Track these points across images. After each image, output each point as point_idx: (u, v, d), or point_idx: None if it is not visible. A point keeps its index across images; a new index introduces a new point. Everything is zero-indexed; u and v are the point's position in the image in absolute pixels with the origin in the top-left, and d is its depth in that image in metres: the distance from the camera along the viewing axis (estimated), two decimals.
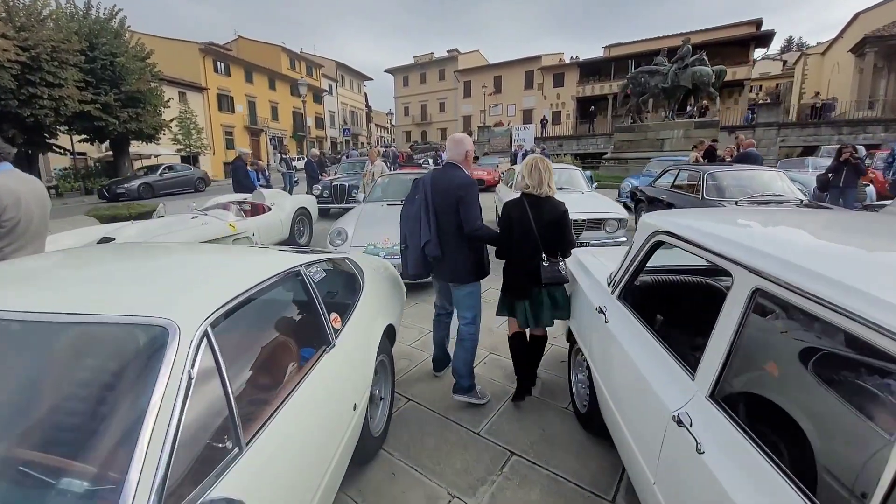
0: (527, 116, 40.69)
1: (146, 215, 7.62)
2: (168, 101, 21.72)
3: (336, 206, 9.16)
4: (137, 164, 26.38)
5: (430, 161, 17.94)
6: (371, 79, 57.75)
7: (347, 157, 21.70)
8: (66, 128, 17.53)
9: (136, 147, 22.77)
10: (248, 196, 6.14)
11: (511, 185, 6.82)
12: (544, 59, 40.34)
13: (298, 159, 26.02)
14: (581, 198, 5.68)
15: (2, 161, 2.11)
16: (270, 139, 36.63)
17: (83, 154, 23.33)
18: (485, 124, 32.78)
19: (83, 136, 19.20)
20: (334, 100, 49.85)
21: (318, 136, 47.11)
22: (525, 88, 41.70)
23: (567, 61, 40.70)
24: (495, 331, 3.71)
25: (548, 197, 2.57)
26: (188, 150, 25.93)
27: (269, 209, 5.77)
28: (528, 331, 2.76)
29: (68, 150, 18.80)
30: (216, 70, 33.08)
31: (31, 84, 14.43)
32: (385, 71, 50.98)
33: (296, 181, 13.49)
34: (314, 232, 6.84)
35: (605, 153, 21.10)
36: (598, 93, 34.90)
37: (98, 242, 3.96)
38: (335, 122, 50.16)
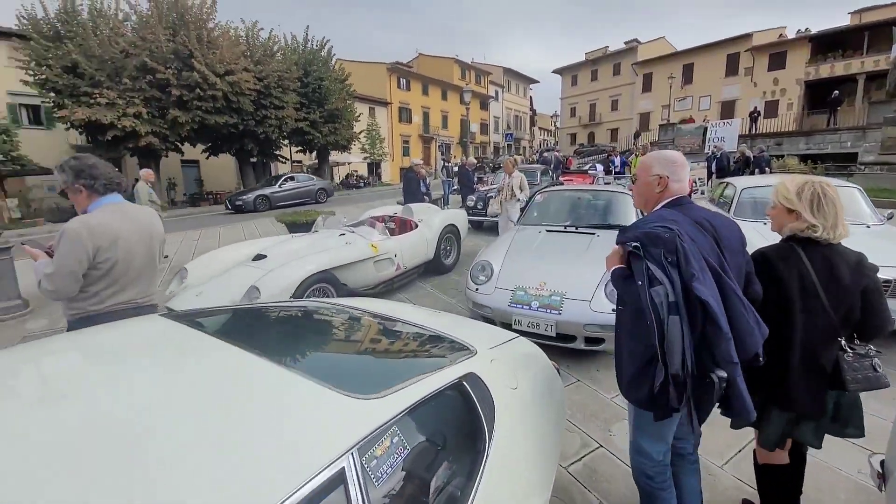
0: (726, 109, 33.56)
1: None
2: (359, 115, 24.99)
3: (490, 219, 8.54)
4: (335, 170, 31.58)
5: (599, 168, 15.58)
6: (537, 81, 56.63)
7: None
8: (287, 141, 21.71)
9: (334, 156, 26.98)
10: (397, 211, 5.92)
11: (730, 209, 4.75)
12: (756, 37, 32.42)
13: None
14: (871, 237, 3.53)
15: (110, 191, 1.86)
16: (439, 146, 39.23)
17: (299, 162, 28.82)
18: (668, 121, 28.10)
19: (298, 148, 23.61)
20: (499, 105, 50.50)
21: (482, 142, 48.44)
22: (726, 76, 34.41)
23: (791, 36, 31.95)
24: None
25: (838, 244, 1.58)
26: (372, 157, 29.45)
27: (416, 226, 5.36)
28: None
29: (287, 159, 23.25)
30: (399, 86, 36.88)
31: (264, 107, 18.14)
32: (552, 72, 49.04)
33: (454, 189, 13.49)
34: (462, 251, 6.28)
35: (857, 154, 15.26)
36: (840, 73, 26.20)
37: (253, 260, 4.04)
38: (499, 127, 50.80)
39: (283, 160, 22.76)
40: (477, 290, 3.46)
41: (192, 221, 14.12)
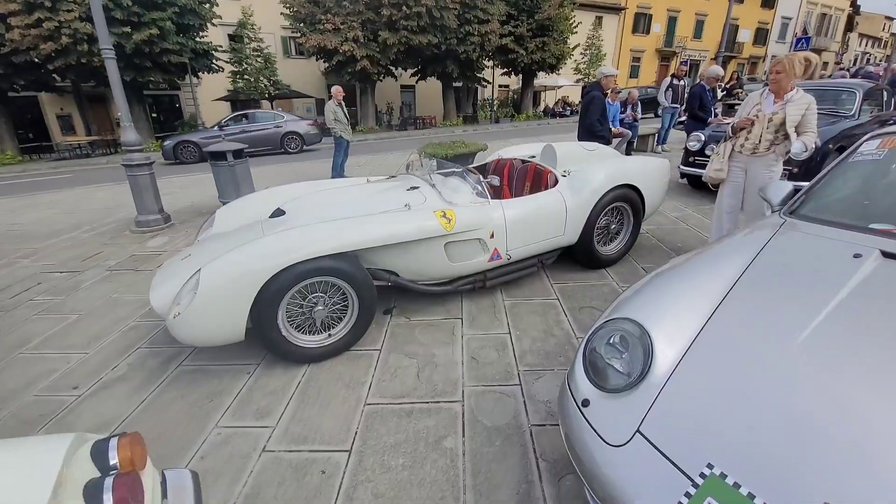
0: None
1: (465, 158, 6.59)
2: (576, 25, 20.83)
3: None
4: (542, 96, 28.52)
5: None
6: None
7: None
8: (490, 62, 20.03)
9: (541, 78, 23.95)
10: (534, 154, 3.64)
11: None
12: None
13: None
14: None
15: None
16: (682, 63, 30.46)
17: (506, 87, 27.02)
18: None
19: (503, 70, 21.69)
20: (795, 1, 35.02)
21: (754, 56, 35.50)
22: None
23: None
24: None
25: None
26: (588, 79, 25.01)
27: (555, 182, 3.10)
28: None
29: (489, 82, 21.75)
30: None
31: (468, 22, 16.63)
32: None
33: (679, 122, 9.39)
34: (643, 234, 3.62)
35: None
36: None
37: (270, 217, 2.76)
38: (787, 34, 35.85)
39: (486, 83, 21.34)
40: (582, 423, 1.25)
41: (387, 144, 14.60)
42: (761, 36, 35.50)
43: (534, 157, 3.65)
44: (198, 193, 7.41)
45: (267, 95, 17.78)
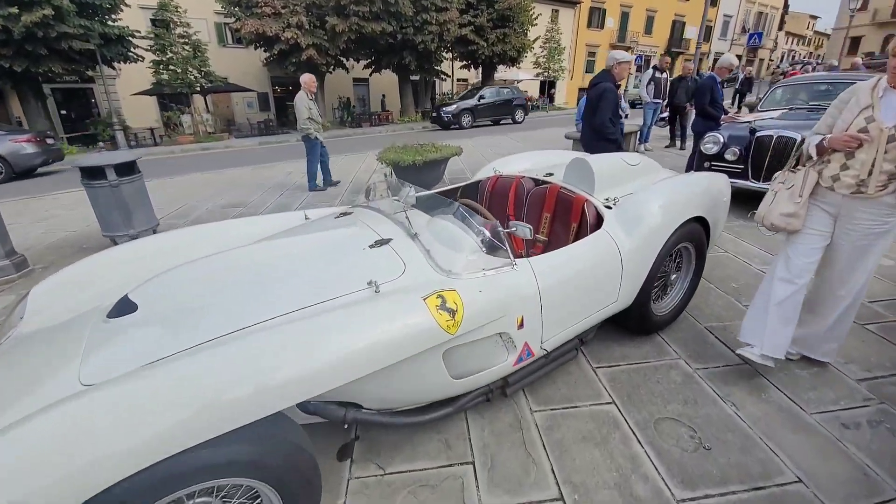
0: None
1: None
2: (536, 17, 20.11)
3: (759, 184, 4.22)
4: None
5: None
6: None
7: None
8: (448, 54, 18.87)
9: (501, 72, 23.08)
10: (553, 171, 2.51)
11: None
12: None
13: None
14: None
15: None
16: (636, 58, 30.79)
17: (465, 80, 25.94)
18: None
19: (462, 63, 20.59)
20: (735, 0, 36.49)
21: (701, 53, 36.69)
22: None
23: None
24: None
25: None
26: (547, 73, 24.46)
27: (597, 218, 2.04)
28: None
29: (448, 76, 20.58)
30: None
31: (425, 10, 15.36)
32: None
33: (661, 118, 8.71)
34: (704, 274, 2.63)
35: None
36: None
37: (110, 316, 1.48)
38: (729, 31, 37.35)
39: (444, 77, 20.16)
40: None
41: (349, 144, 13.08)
42: (707, 33, 36.71)
43: (551, 174, 2.55)
44: (84, 218, 5.51)
45: (199, 89, 15.62)
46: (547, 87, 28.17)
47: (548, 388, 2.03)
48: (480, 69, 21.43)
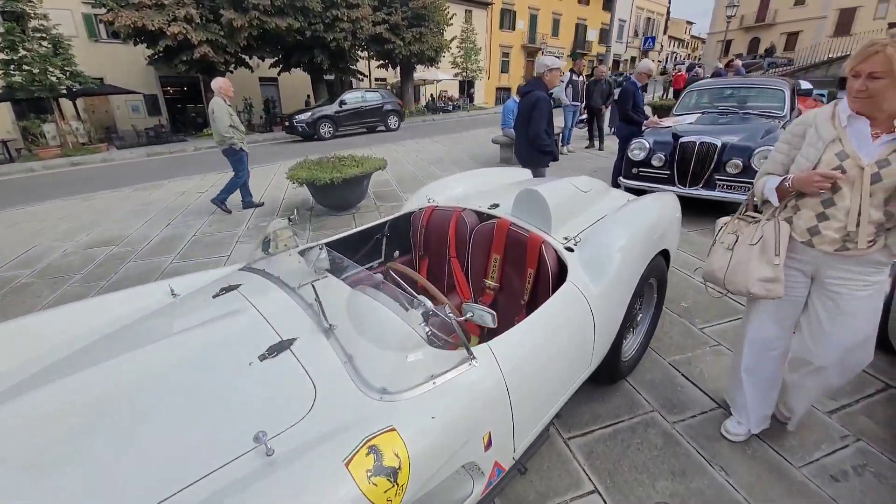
0: None
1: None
2: (451, 17, 19.99)
3: (687, 190, 4.19)
4: (422, 90, 27.35)
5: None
6: None
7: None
8: (365, 53, 18.02)
9: (420, 72, 22.67)
10: (496, 202, 2.09)
11: None
12: None
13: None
14: None
15: None
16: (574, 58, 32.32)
17: (383, 80, 25.12)
18: None
19: (379, 62, 19.81)
20: (628, 4, 39.86)
21: (599, 54, 39.50)
22: None
23: None
24: None
25: None
26: (465, 74, 24.55)
27: (558, 263, 1.71)
28: None
29: (365, 75, 19.68)
30: None
31: (335, 5, 14.41)
32: None
33: (580, 120, 8.90)
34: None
35: None
36: None
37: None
38: (624, 34, 40.72)
39: (361, 76, 19.25)
40: None
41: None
42: (605, 35, 39.69)
43: (497, 205, 2.15)
44: None
45: (64, 92, 13.11)
46: (467, 87, 28.42)
47: (518, 485, 1.63)
48: (399, 69, 20.84)
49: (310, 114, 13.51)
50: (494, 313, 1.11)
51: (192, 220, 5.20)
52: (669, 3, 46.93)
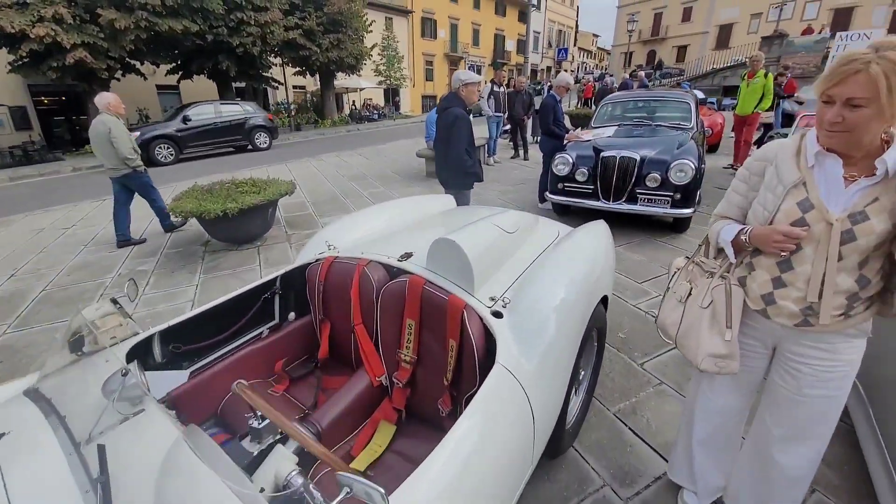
0: (841, 18, 26.30)
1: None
2: (371, 24, 19.47)
3: (611, 205, 4.10)
4: (345, 98, 26.38)
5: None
6: None
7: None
8: (278, 60, 16.88)
9: (341, 80, 21.81)
10: (410, 251, 1.74)
11: None
12: None
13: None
14: None
15: None
16: (469, 68, 32.92)
17: (302, 87, 23.81)
18: (778, 32, 20.97)
19: (296, 70, 18.68)
20: (541, 17, 42.08)
21: (518, 64, 41.24)
22: None
23: None
24: None
25: None
26: (389, 82, 24.10)
27: (485, 338, 1.37)
28: None
29: (280, 83, 18.45)
30: None
31: (239, 7, 13.26)
32: None
33: (504, 130, 8.89)
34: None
35: None
36: None
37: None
38: (539, 45, 42.91)
39: (276, 84, 18.00)
40: None
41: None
42: (522, 45, 41.49)
43: (410, 253, 1.76)
44: None
45: None
46: (392, 96, 28.01)
47: None
48: (318, 76, 19.84)
49: (136, 133, 9.40)
50: (383, 490, 0.71)
51: (45, 270, 4.09)
52: (577, 16, 50.36)
